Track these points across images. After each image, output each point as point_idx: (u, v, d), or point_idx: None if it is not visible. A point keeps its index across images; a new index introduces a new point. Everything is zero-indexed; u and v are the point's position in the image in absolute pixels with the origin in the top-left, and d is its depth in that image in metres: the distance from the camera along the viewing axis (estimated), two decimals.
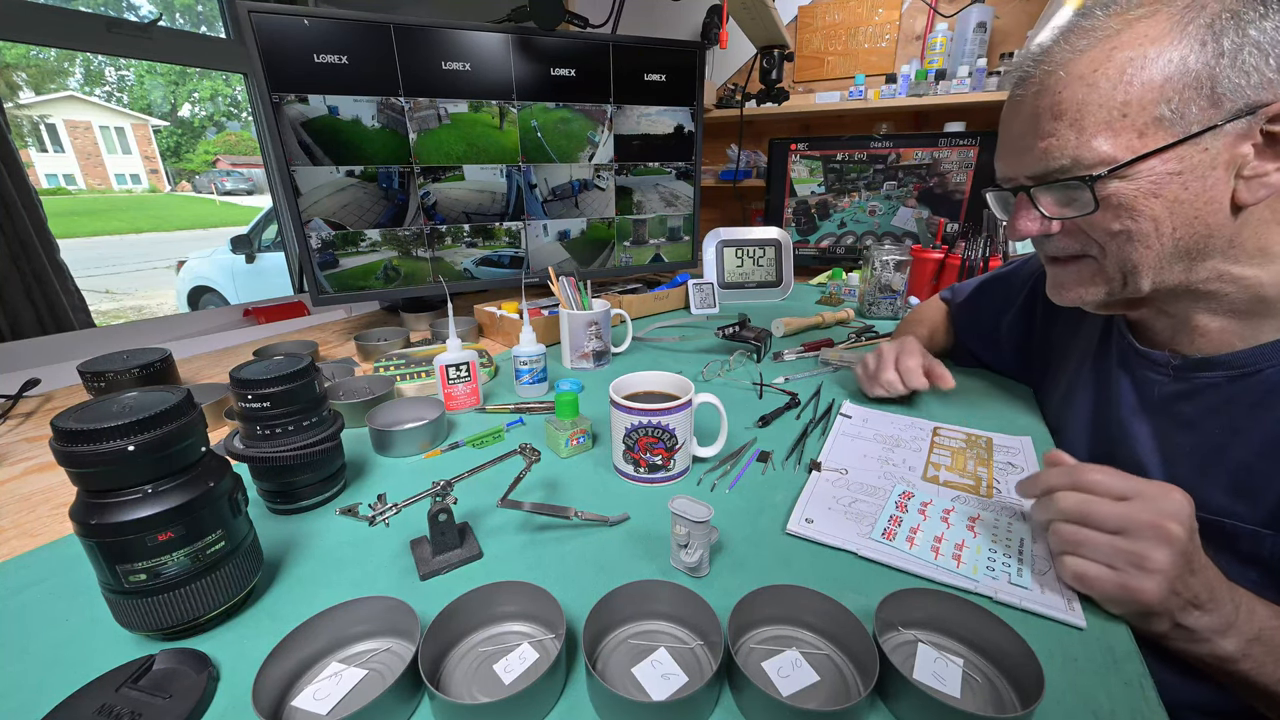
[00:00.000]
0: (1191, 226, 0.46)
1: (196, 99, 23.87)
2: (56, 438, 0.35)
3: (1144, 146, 0.44)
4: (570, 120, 1.16)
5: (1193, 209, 0.45)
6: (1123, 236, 0.48)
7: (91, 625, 0.43)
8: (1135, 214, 0.46)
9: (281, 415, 0.52)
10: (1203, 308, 0.52)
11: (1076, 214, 0.49)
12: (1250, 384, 0.50)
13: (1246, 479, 0.49)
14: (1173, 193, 0.45)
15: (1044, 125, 0.47)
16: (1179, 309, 0.53)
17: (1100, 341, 0.65)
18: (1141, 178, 0.45)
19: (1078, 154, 0.46)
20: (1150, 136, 0.44)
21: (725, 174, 2.03)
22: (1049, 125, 0.47)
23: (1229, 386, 0.51)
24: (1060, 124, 0.46)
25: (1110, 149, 0.45)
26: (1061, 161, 0.47)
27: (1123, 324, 0.61)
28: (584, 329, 0.90)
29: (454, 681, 0.37)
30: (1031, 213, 0.52)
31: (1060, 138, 0.46)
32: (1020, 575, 0.45)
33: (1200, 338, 0.53)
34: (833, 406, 0.77)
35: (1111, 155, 0.45)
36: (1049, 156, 0.48)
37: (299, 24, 0.92)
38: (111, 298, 6.40)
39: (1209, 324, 0.52)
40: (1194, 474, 0.52)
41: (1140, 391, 0.58)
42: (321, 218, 1.02)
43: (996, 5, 1.70)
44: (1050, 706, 0.35)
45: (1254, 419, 0.49)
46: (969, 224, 1.34)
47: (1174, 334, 0.55)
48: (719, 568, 0.48)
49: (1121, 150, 0.44)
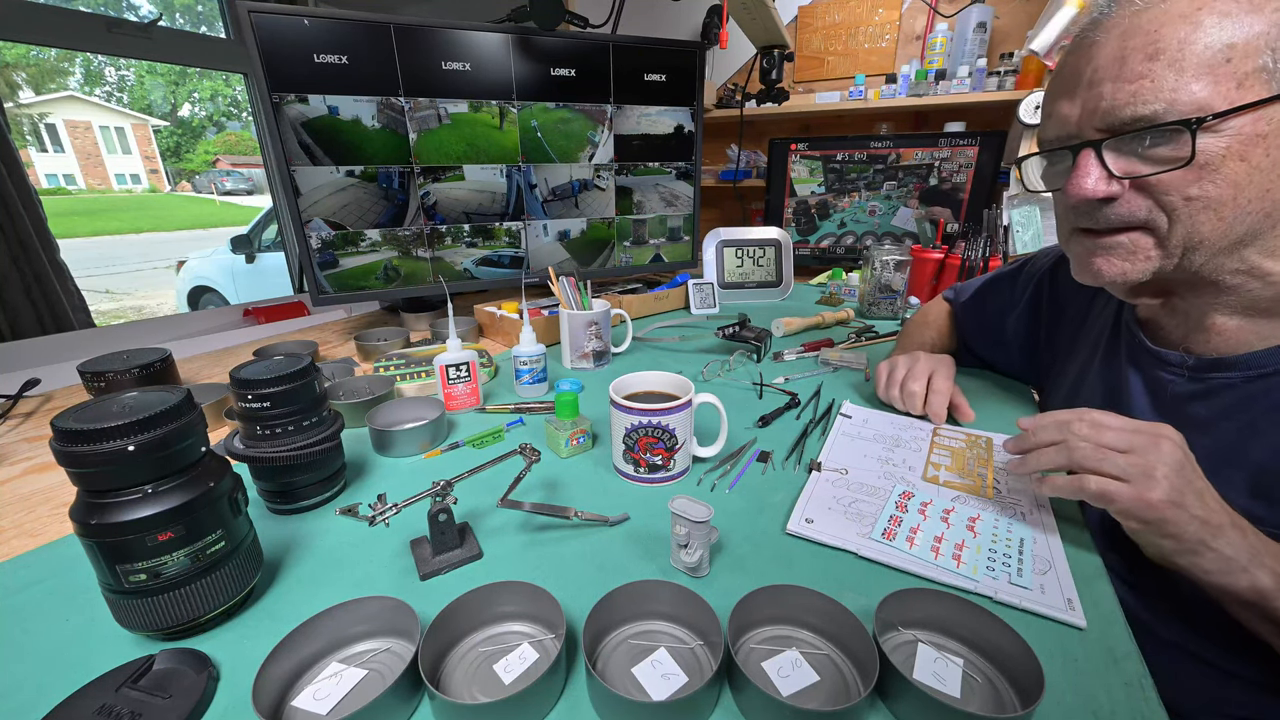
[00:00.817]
0: (1263, 201, 0.43)
1: (196, 99, 23.87)
2: (56, 438, 0.35)
3: (1241, 98, 0.40)
4: (570, 120, 1.16)
5: (1268, 180, 0.42)
6: (1199, 203, 0.44)
7: (91, 625, 0.43)
8: (1217, 177, 0.42)
9: (281, 415, 0.52)
10: (1222, 304, 0.51)
11: (1156, 170, 0.44)
12: (1269, 385, 0.48)
13: (1266, 481, 0.48)
14: (1256, 158, 0.42)
15: (1134, 66, 0.43)
16: (1196, 306, 0.52)
17: (1109, 339, 0.63)
18: (1231, 135, 0.41)
19: (1174, 97, 0.41)
20: (1248, 88, 0.40)
21: (725, 174, 2.03)
22: (1141, 66, 0.42)
23: (1246, 387, 0.50)
24: (1157, 64, 0.42)
25: (1208, 95, 0.41)
26: (1154, 106, 0.42)
27: (1133, 322, 0.60)
28: (584, 329, 0.90)
29: (454, 681, 0.37)
30: (1097, 169, 0.46)
31: (1156, 79, 0.42)
32: (1020, 575, 0.45)
33: (1216, 336, 0.52)
34: (833, 406, 0.77)
35: (1208, 103, 0.41)
36: (1138, 100, 0.43)
37: (299, 24, 0.92)
38: (111, 298, 6.40)
39: (1225, 323, 0.51)
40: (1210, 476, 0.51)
41: (1152, 391, 0.57)
42: (321, 218, 1.02)
43: (996, 5, 1.70)
44: (1050, 706, 0.35)
45: (1273, 421, 0.48)
46: (969, 224, 1.34)
47: (1187, 333, 0.54)
48: (719, 568, 0.48)
49: (1219, 99, 0.41)
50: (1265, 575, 0.42)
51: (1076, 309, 0.71)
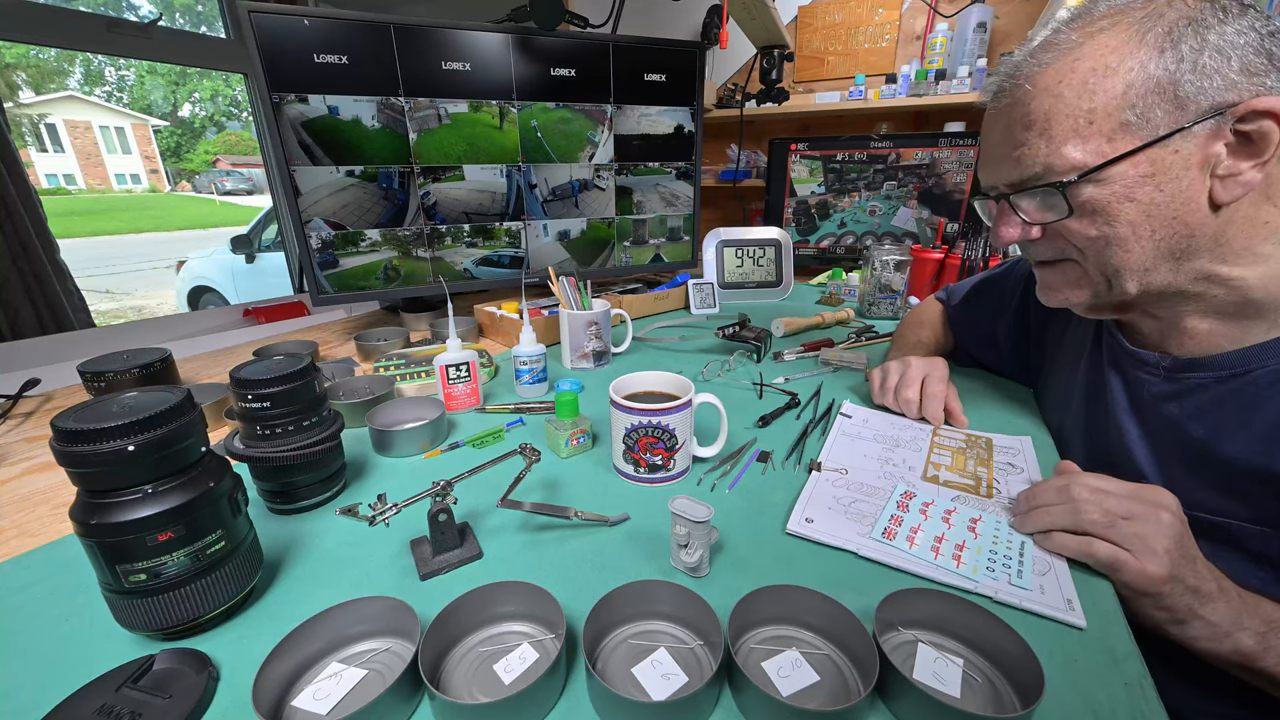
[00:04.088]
0: (1171, 227, 0.47)
1: (196, 99, 23.87)
2: (56, 438, 0.35)
3: (1113, 151, 0.45)
4: (570, 120, 1.16)
5: (1170, 210, 0.46)
6: (1100, 241, 0.49)
7: (91, 625, 0.43)
8: (1111, 218, 0.47)
9: (281, 415, 0.52)
10: (1191, 309, 0.52)
11: (1054, 219, 0.50)
12: (1239, 385, 0.50)
13: (1238, 479, 0.49)
14: (1147, 195, 0.46)
15: (1016, 135, 0.49)
16: (1167, 311, 0.54)
17: (1093, 342, 0.65)
18: (1114, 182, 0.46)
19: (1049, 161, 0.47)
20: (1118, 141, 0.45)
21: (725, 174, 2.03)
22: (1021, 135, 0.49)
23: (1217, 387, 0.52)
24: (1030, 134, 0.48)
25: (1080, 155, 0.46)
26: (1035, 169, 0.49)
27: (1113, 325, 0.62)
28: (584, 329, 0.90)
29: (454, 681, 0.37)
30: (1013, 219, 0.53)
31: (1031, 146, 0.48)
32: (1020, 576, 0.45)
33: (1190, 339, 0.54)
34: (833, 406, 0.77)
35: (1082, 161, 0.46)
36: (1022, 165, 0.49)
37: (299, 24, 0.92)
38: (111, 298, 6.40)
39: (1198, 326, 0.53)
40: (1186, 475, 0.53)
41: (1131, 392, 0.59)
42: (321, 218, 1.02)
43: (996, 5, 1.70)
44: (1050, 706, 0.35)
45: (1241, 420, 0.49)
46: (969, 224, 1.34)
47: (1163, 336, 0.56)
48: (719, 568, 0.48)
49: (1091, 156, 0.46)
50: (1248, 638, 0.44)
51: (1063, 312, 0.72)
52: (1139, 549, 0.44)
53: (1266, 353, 0.49)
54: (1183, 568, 0.44)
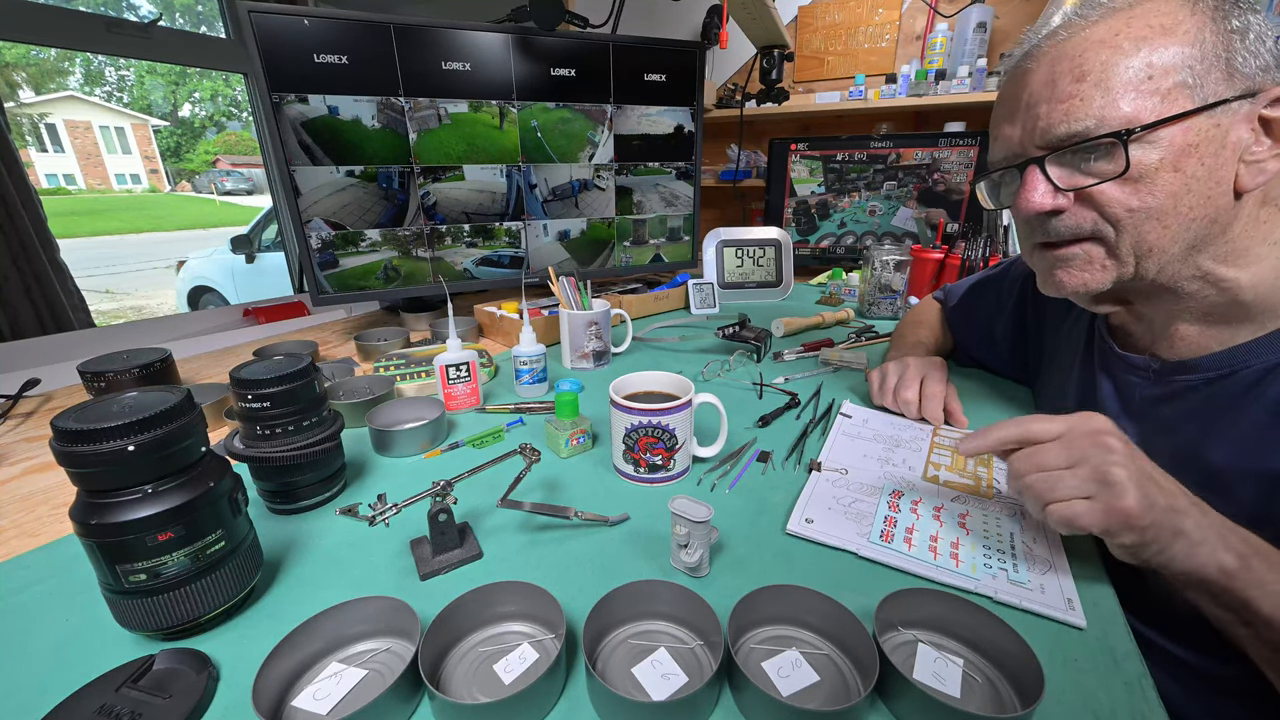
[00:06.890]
0: (1203, 208, 0.45)
1: (197, 99, 23.87)
2: (56, 438, 0.35)
3: (1167, 110, 0.43)
4: (570, 120, 1.16)
5: (1205, 188, 0.45)
6: (1141, 214, 0.46)
7: (91, 625, 0.43)
8: (1155, 188, 0.45)
9: (281, 415, 0.52)
10: (1182, 311, 0.52)
11: (1090, 183, 0.47)
12: (1226, 385, 0.50)
13: (1225, 478, 0.49)
14: (1190, 168, 0.44)
15: (1064, 87, 0.46)
16: (1158, 312, 0.54)
17: (1085, 345, 0.65)
18: (1162, 147, 0.44)
19: (1103, 114, 0.44)
20: (1172, 102, 0.43)
21: (725, 174, 2.03)
22: (1070, 87, 0.46)
23: (1206, 389, 0.51)
24: (1084, 85, 0.45)
25: (1134, 110, 0.44)
26: (1086, 122, 0.45)
27: (1104, 329, 0.62)
28: (584, 329, 0.90)
29: (454, 681, 0.37)
30: (1042, 185, 0.49)
31: (1084, 98, 0.45)
32: (1018, 572, 0.45)
33: (1179, 342, 0.54)
34: (833, 406, 0.77)
35: (1136, 116, 0.44)
36: (1071, 118, 0.46)
37: (299, 24, 0.92)
38: (111, 298, 6.40)
39: (1188, 329, 0.53)
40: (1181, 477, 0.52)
41: (1122, 395, 0.59)
42: (321, 218, 1.02)
43: (996, 5, 1.70)
44: (1050, 706, 0.35)
45: (1227, 420, 0.49)
46: (969, 224, 1.34)
47: (1154, 339, 0.56)
48: (719, 568, 0.48)
49: (1146, 113, 0.44)
50: (1230, 555, 0.41)
51: (1056, 313, 0.72)
52: (1096, 490, 0.41)
53: (1250, 352, 0.49)
54: (1150, 489, 0.41)
